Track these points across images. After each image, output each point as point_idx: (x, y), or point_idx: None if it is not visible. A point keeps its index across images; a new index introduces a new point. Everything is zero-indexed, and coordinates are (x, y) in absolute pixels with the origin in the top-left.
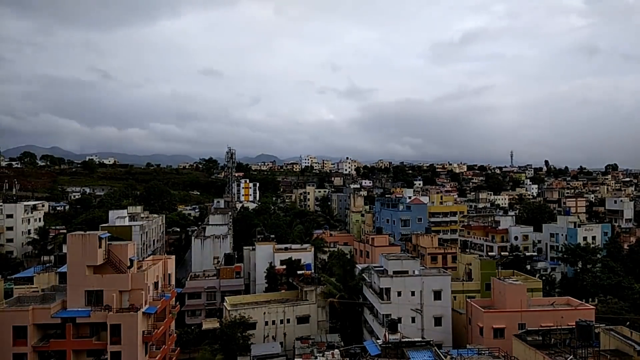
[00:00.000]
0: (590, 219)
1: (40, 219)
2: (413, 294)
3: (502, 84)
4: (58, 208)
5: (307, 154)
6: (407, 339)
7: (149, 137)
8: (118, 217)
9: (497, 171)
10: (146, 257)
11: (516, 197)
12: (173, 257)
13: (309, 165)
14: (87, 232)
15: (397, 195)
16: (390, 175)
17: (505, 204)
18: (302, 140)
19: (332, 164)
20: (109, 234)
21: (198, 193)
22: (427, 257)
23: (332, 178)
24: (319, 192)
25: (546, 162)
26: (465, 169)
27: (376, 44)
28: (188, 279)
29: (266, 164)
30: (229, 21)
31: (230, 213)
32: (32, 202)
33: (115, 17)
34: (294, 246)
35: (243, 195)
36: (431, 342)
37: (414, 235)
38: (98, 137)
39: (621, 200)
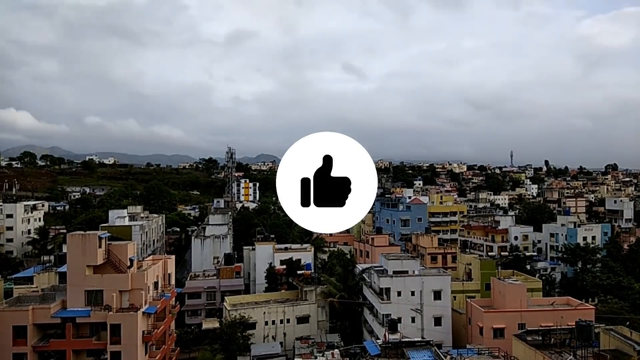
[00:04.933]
0: (590, 219)
1: (40, 218)
2: (413, 294)
3: None
4: (58, 208)
5: None
6: (407, 339)
7: None
8: (118, 217)
9: (497, 171)
10: (146, 257)
11: (516, 197)
12: (173, 257)
13: None
14: (87, 232)
15: (397, 195)
16: (390, 175)
17: (505, 204)
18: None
19: None
20: (109, 234)
21: (198, 193)
22: (427, 257)
23: None
24: None
25: (546, 162)
26: (465, 169)
27: None
28: (188, 279)
29: (266, 164)
30: None
31: (230, 213)
32: (32, 202)
33: None
34: (294, 246)
35: (243, 195)
36: (431, 342)
37: (414, 235)
38: None
39: (621, 200)
